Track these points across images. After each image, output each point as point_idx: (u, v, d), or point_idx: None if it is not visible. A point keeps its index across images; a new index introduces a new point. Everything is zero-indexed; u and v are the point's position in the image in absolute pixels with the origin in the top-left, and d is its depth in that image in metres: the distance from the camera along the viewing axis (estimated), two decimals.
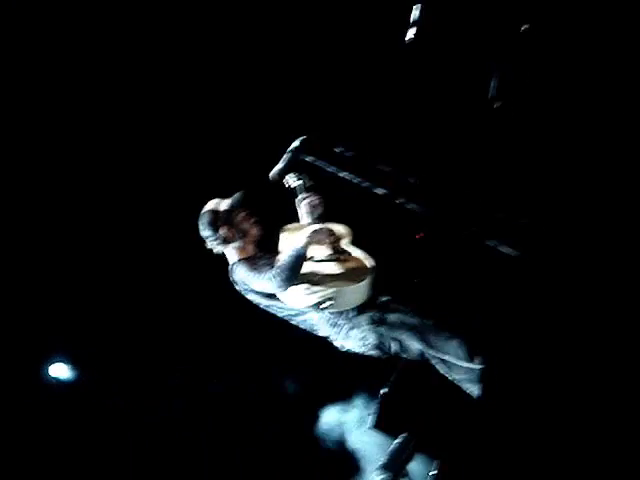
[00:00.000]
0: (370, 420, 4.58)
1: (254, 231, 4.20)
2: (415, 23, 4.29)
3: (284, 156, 3.99)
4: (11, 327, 6.56)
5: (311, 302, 3.85)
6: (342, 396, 6.26)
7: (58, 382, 6.91)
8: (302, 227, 4.14)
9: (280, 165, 4.00)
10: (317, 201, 4.08)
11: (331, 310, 3.94)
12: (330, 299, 3.82)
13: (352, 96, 5.82)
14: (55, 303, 6.65)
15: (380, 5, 5.36)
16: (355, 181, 3.90)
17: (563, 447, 3.24)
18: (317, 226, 4.00)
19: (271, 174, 4.01)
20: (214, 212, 4.14)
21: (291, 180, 4.06)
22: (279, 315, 4.19)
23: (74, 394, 6.92)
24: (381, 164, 3.87)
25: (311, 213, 4.05)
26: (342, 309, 4.02)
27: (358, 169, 3.92)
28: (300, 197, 4.04)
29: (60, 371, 6.89)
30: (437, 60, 5.31)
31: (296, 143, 3.99)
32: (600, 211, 3.67)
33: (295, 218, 4.21)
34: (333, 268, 3.97)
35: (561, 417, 3.28)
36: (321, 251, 4.03)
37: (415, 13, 4.25)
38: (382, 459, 4.34)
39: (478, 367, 3.91)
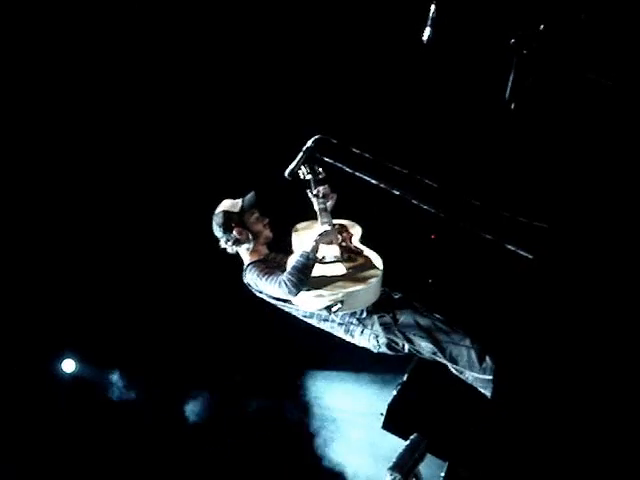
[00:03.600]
0: (382, 420, 4.56)
1: (266, 232, 4.25)
2: (432, 22, 4.26)
3: (299, 155, 3.98)
4: (26, 324, 6.62)
5: (322, 305, 3.86)
6: (353, 396, 6.29)
7: (69, 376, 6.99)
8: (313, 225, 4.14)
9: (294, 164, 3.99)
10: (329, 192, 4.11)
11: (342, 312, 3.95)
12: (340, 302, 3.82)
13: (368, 95, 5.81)
14: (68, 304, 6.71)
15: (398, 4, 5.35)
16: (369, 180, 3.87)
17: (576, 449, 3.22)
18: (325, 227, 4.01)
19: (286, 172, 4.00)
20: (227, 213, 4.19)
21: (304, 171, 4.06)
22: (293, 314, 4.19)
23: (83, 388, 6.99)
24: (396, 164, 3.85)
25: (323, 205, 4.05)
26: (353, 310, 4.02)
27: (373, 168, 3.90)
28: (313, 189, 4.05)
29: (70, 366, 6.96)
30: (454, 60, 5.30)
31: (310, 142, 3.97)
32: (618, 215, 3.64)
33: (307, 216, 4.22)
34: (342, 269, 3.98)
35: (574, 419, 3.25)
36: (331, 251, 4.05)
37: (432, 12, 4.22)
38: (393, 460, 4.33)
39: (490, 367, 3.91)
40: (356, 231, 4.21)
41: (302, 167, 4.03)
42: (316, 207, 4.12)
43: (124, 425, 6.86)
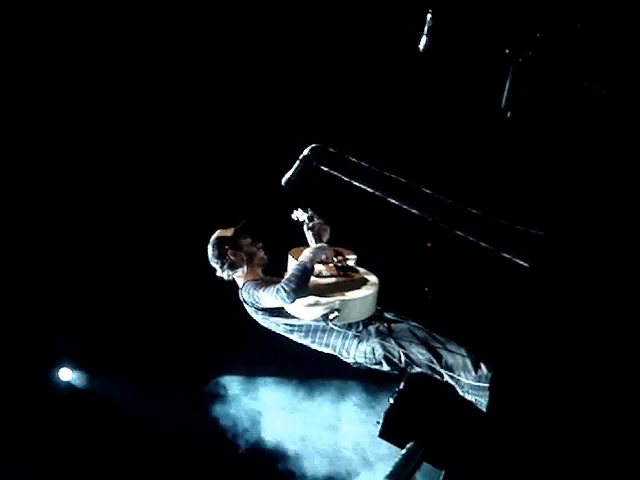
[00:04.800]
0: (378, 429, 4.55)
1: (260, 255, 4.30)
2: (428, 31, 4.27)
3: (295, 164, 3.99)
4: (24, 333, 6.63)
5: (318, 314, 3.87)
6: (349, 406, 6.30)
7: (66, 385, 7.01)
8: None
9: (291, 173, 3.99)
10: (323, 227, 4.24)
11: (338, 322, 3.96)
12: (337, 310, 3.84)
13: (365, 104, 5.83)
14: (66, 313, 6.72)
15: (395, 13, 5.37)
16: (366, 188, 3.88)
17: (573, 458, 3.21)
18: (322, 244, 4.08)
19: (282, 181, 4.01)
20: (220, 238, 4.26)
21: (298, 214, 4.25)
22: (288, 336, 4.22)
23: (80, 396, 7.00)
24: (393, 172, 3.86)
25: (318, 239, 4.18)
26: (349, 321, 4.04)
27: (369, 176, 3.91)
28: (307, 225, 4.14)
29: (67, 375, 6.98)
30: (450, 68, 5.32)
31: (307, 150, 3.98)
32: (615, 223, 3.65)
33: (302, 243, 4.28)
34: (339, 282, 4.04)
35: (570, 428, 3.25)
36: (326, 268, 4.13)
37: (428, 21, 4.24)
38: (389, 469, 4.31)
39: (485, 376, 3.91)
40: (351, 257, 4.28)
41: (297, 210, 4.25)
42: (311, 241, 4.19)
43: (120, 433, 6.87)
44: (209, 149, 6.37)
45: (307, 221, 4.21)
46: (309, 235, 4.21)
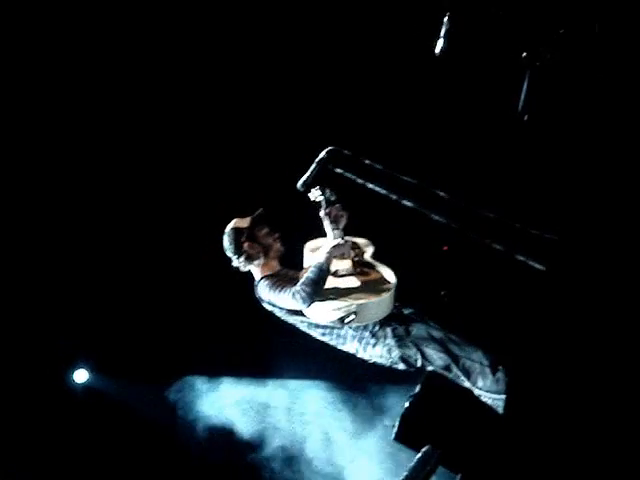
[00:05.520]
0: (393, 432, 4.55)
1: (276, 246, 4.26)
2: (445, 34, 4.27)
3: (311, 167, 4.00)
4: (39, 335, 6.67)
5: (335, 317, 3.86)
6: (365, 408, 6.30)
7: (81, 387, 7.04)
8: (325, 242, 4.16)
9: (307, 175, 4.01)
10: (340, 213, 4.12)
11: (355, 324, 3.95)
12: (353, 313, 3.83)
13: (381, 107, 5.84)
14: (80, 314, 6.76)
15: (411, 16, 5.38)
16: (381, 191, 3.89)
17: (588, 461, 3.20)
18: (338, 240, 4.03)
19: (298, 184, 4.03)
20: (236, 229, 4.22)
21: (315, 194, 4.10)
22: (305, 331, 4.21)
23: (95, 398, 7.03)
24: (408, 175, 3.87)
25: (335, 225, 4.08)
26: (365, 323, 4.03)
27: (385, 179, 3.92)
28: (324, 210, 4.07)
29: (83, 377, 7.01)
30: (467, 72, 5.32)
31: (323, 154, 4.00)
32: (631, 228, 3.63)
33: (319, 233, 4.24)
34: (355, 282, 3.99)
35: (587, 432, 3.24)
36: (343, 265, 4.06)
37: (445, 24, 4.24)
38: (405, 472, 4.30)
39: (502, 379, 3.89)
40: (368, 248, 4.22)
41: (314, 189, 4.09)
42: (327, 227, 4.15)
43: (136, 435, 6.89)
44: (220, 144, 6.38)
45: (324, 204, 4.12)
46: (326, 221, 4.12)
